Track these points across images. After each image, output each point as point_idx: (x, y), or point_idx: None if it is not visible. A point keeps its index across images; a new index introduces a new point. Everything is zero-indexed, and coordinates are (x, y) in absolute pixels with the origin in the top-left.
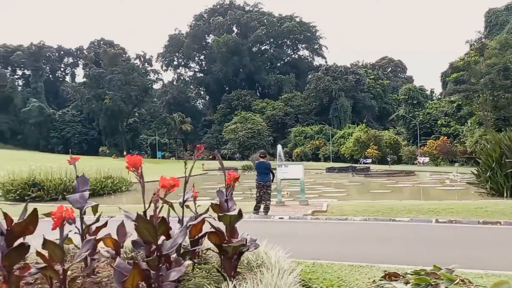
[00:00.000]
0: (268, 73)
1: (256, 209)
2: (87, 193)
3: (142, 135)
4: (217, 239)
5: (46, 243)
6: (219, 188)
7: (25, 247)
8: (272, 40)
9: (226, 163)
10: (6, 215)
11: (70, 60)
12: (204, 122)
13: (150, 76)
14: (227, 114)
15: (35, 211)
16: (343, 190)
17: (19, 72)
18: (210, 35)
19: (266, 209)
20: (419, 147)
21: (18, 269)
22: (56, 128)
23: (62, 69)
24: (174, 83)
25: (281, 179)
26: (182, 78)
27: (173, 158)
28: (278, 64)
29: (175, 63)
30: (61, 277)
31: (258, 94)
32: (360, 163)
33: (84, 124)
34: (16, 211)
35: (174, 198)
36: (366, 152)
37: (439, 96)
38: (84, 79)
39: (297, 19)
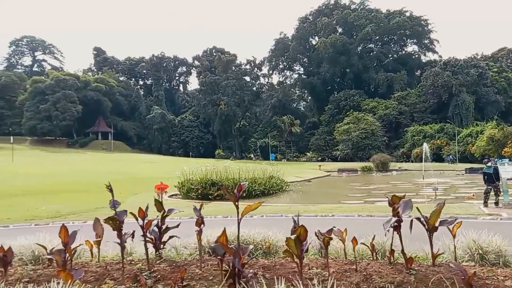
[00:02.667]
0: (376, 71)
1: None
2: None
3: (252, 138)
4: None
5: None
6: None
7: None
8: (379, 37)
9: (340, 165)
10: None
11: (184, 69)
12: (309, 124)
13: (260, 80)
14: (335, 115)
15: None
16: None
17: (141, 82)
18: (315, 36)
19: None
20: None
21: None
22: (176, 133)
23: (176, 77)
24: (278, 86)
25: (508, 178)
26: (287, 81)
27: (285, 159)
28: (386, 62)
29: (281, 66)
30: None
31: (366, 93)
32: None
33: (200, 128)
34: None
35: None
36: (503, 152)
37: None
38: (199, 86)
39: (407, 14)
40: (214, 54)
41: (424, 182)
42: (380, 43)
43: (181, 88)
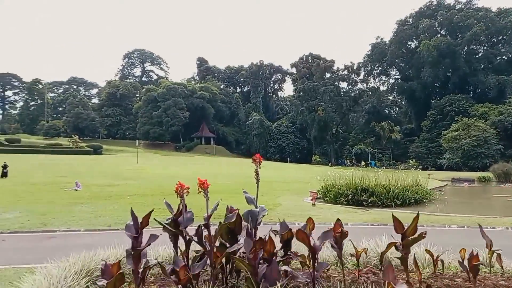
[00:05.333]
0: (485, 74)
1: None
2: None
3: (347, 144)
4: None
5: None
6: None
7: None
8: (487, 37)
9: (451, 174)
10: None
11: (278, 76)
12: (405, 130)
13: (358, 85)
14: (438, 121)
15: None
16: None
17: (238, 89)
18: (414, 39)
19: None
20: None
21: None
22: (273, 139)
23: (271, 84)
24: (372, 92)
25: None
26: (381, 86)
27: (384, 167)
28: (496, 63)
29: (376, 71)
30: None
31: (473, 98)
32: None
33: (296, 134)
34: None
35: None
36: None
37: None
38: (296, 93)
39: None
40: (310, 60)
41: None
42: (489, 44)
43: (275, 94)
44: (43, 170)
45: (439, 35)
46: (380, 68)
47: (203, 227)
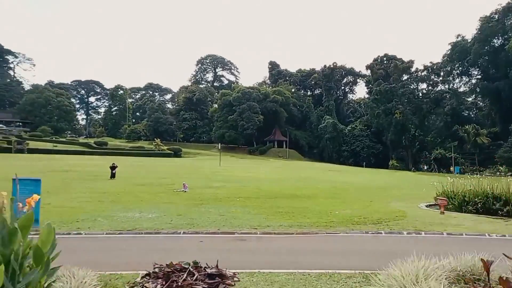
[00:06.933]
0: None
1: None
2: None
3: (426, 148)
4: None
5: None
6: None
7: None
8: None
9: None
10: None
11: (350, 78)
12: (489, 134)
13: (439, 87)
14: None
15: None
16: None
17: (309, 92)
18: (500, 37)
19: None
20: None
21: None
22: (347, 142)
23: (342, 87)
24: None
25: None
26: (461, 87)
27: (468, 173)
28: None
29: (456, 71)
30: None
31: None
32: None
33: (370, 138)
34: None
35: None
36: None
37: None
38: (372, 95)
39: None
40: (386, 61)
41: None
42: None
43: (346, 97)
44: (140, 171)
45: None
46: (460, 68)
47: None
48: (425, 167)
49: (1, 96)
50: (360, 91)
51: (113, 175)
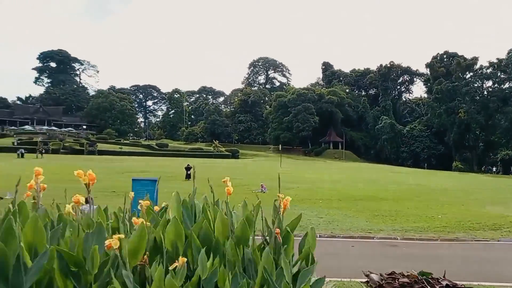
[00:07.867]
0: None
1: None
2: None
3: (492, 149)
4: None
5: None
6: None
7: None
8: None
9: None
10: None
11: (406, 77)
12: None
13: (507, 84)
14: None
15: None
16: None
17: (363, 92)
18: None
19: None
20: None
21: None
22: (405, 143)
23: (398, 87)
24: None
25: None
26: None
27: None
28: None
29: None
30: None
31: None
32: None
33: (431, 138)
34: None
35: None
36: None
37: None
38: (432, 94)
39: None
40: (446, 59)
41: None
42: None
43: (402, 97)
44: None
45: None
46: None
47: None
48: (494, 169)
49: (70, 101)
50: (417, 91)
51: (188, 176)
